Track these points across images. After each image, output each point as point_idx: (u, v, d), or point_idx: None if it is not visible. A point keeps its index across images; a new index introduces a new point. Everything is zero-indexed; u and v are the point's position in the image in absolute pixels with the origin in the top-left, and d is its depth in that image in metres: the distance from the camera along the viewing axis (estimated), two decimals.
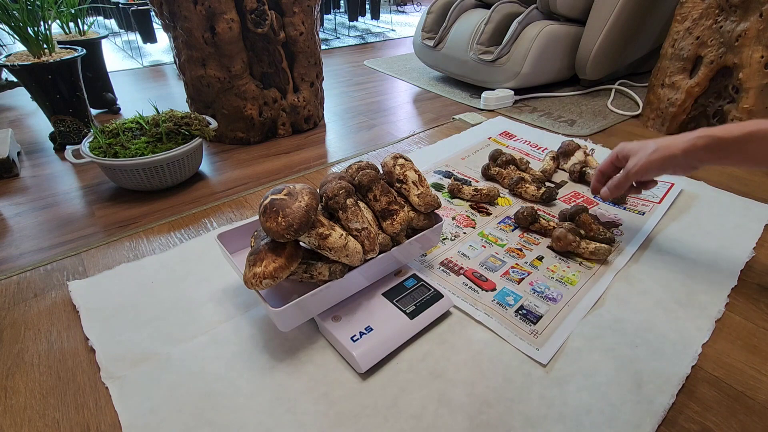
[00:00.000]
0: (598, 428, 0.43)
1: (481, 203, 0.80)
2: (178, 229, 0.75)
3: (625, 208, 0.79)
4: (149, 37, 2.20)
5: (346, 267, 0.49)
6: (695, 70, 1.06)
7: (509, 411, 0.44)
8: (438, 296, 0.55)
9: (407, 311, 0.53)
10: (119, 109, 1.32)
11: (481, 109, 1.31)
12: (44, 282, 0.63)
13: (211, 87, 1.02)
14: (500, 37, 1.37)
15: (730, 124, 0.51)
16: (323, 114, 1.26)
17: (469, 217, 0.76)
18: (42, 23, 0.98)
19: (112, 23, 2.70)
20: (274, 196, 0.44)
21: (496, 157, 0.90)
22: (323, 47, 2.18)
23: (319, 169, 0.97)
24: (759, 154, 0.50)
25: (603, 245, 0.65)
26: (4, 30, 0.99)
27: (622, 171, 0.61)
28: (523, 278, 0.62)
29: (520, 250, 0.68)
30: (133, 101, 1.40)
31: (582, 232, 0.67)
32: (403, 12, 3.44)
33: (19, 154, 1.03)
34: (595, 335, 0.53)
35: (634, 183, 0.65)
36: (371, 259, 0.51)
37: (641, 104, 1.29)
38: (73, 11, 1.21)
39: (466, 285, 0.61)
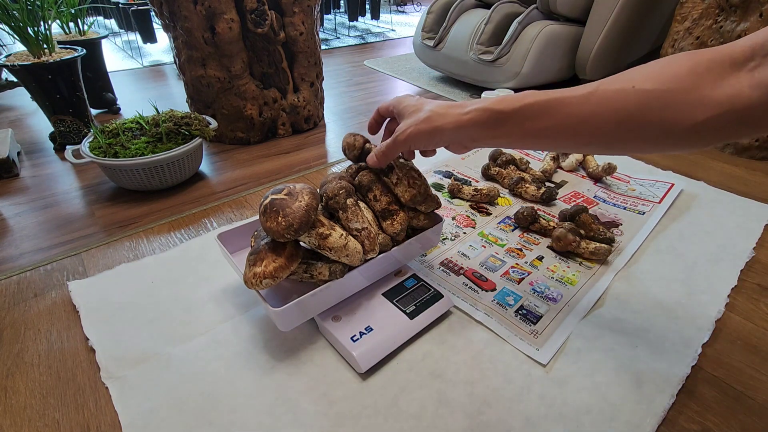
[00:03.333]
0: (598, 428, 0.43)
1: (481, 203, 0.80)
2: (178, 229, 0.75)
3: (625, 208, 0.79)
4: (149, 37, 2.20)
5: (346, 267, 0.49)
6: None
7: (509, 411, 0.44)
8: (438, 296, 0.55)
9: (407, 311, 0.53)
10: (119, 109, 1.32)
11: None
12: (44, 282, 0.63)
13: (211, 87, 1.02)
14: (500, 37, 1.37)
15: (509, 96, 0.43)
16: (323, 114, 1.26)
17: (469, 217, 0.76)
18: (42, 23, 0.98)
19: (112, 23, 2.70)
20: (274, 196, 0.44)
21: (496, 157, 0.90)
22: (323, 47, 2.18)
23: (319, 169, 0.97)
24: (533, 130, 0.42)
25: (603, 245, 0.65)
26: (4, 30, 0.99)
27: (391, 137, 0.49)
28: (523, 278, 0.62)
29: (520, 250, 0.68)
30: (133, 101, 1.40)
31: (582, 232, 0.67)
32: (403, 12, 3.44)
33: (19, 154, 1.03)
34: (595, 335, 0.53)
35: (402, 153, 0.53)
36: (371, 259, 0.51)
37: None
38: (73, 11, 1.21)
39: (466, 285, 0.61)
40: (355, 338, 0.49)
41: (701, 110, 0.34)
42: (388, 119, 0.55)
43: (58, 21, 1.20)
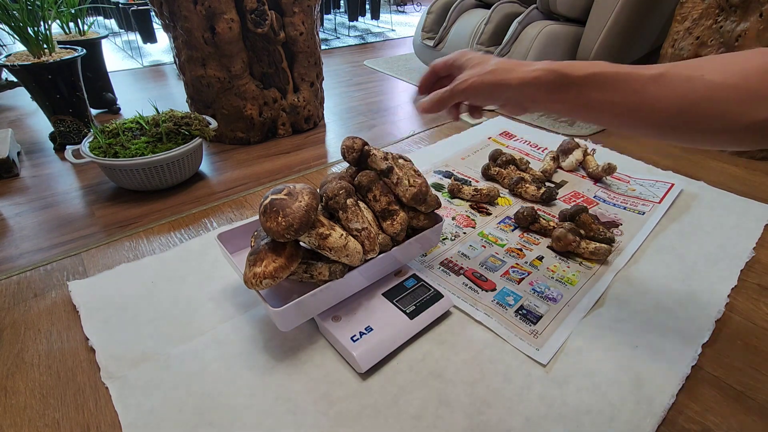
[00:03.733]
0: (598, 428, 0.43)
1: (481, 203, 0.80)
2: (178, 229, 0.75)
3: (625, 208, 0.79)
4: (149, 37, 2.20)
5: (346, 267, 0.49)
6: None
7: (509, 411, 0.44)
8: (438, 296, 0.55)
9: (407, 311, 0.53)
10: (119, 109, 1.32)
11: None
12: (44, 282, 0.63)
13: (211, 87, 1.02)
14: (500, 37, 1.37)
15: (578, 62, 0.41)
16: (323, 114, 1.26)
17: (469, 217, 0.76)
18: (42, 23, 0.98)
19: (112, 23, 2.70)
20: (274, 196, 0.44)
21: (496, 157, 0.90)
22: (323, 47, 2.18)
23: (319, 169, 0.97)
24: (596, 102, 0.41)
25: (603, 245, 0.65)
26: (4, 30, 0.99)
27: (449, 85, 0.48)
28: (523, 278, 0.62)
29: (520, 250, 0.68)
30: (133, 101, 1.40)
31: (582, 232, 0.67)
32: (403, 12, 3.44)
33: (19, 154, 1.03)
34: (595, 335, 0.53)
35: (459, 102, 0.52)
36: (371, 259, 0.51)
37: None
38: (73, 11, 1.21)
39: (466, 285, 0.61)
40: (355, 338, 0.49)
41: (763, 109, 0.34)
42: (443, 77, 0.51)
43: (58, 21, 1.20)
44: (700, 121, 0.37)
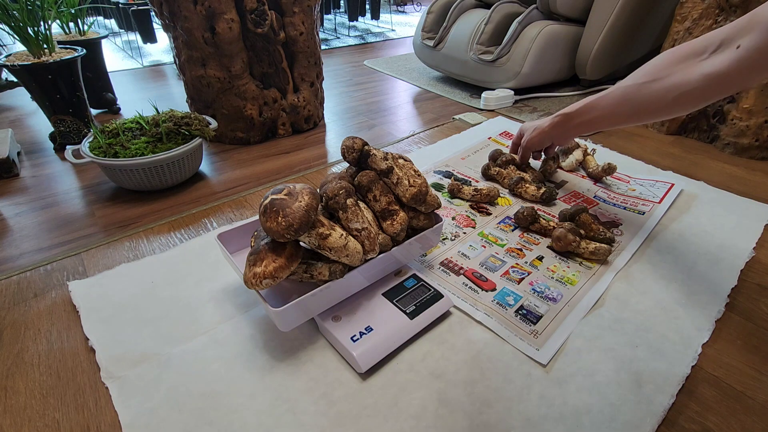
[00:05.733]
0: (598, 428, 0.43)
1: (481, 203, 0.80)
2: (178, 229, 0.75)
3: (625, 208, 0.79)
4: (149, 37, 2.20)
5: (346, 267, 0.49)
6: None
7: (509, 411, 0.44)
8: (438, 296, 0.55)
9: (407, 311, 0.53)
10: (119, 109, 1.32)
11: (481, 109, 1.31)
12: (44, 282, 0.63)
13: (211, 87, 1.02)
14: (500, 37, 1.37)
15: (573, 105, 0.73)
16: (323, 114, 1.26)
17: (469, 217, 0.76)
18: (42, 23, 0.98)
19: (112, 23, 2.70)
20: (274, 196, 0.44)
21: (496, 157, 0.90)
22: (323, 47, 2.18)
23: (319, 169, 0.97)
24: (587, 122, 0.71)
25: (603, 245, 0.65)
26: (4, 30, 0.99)
27: (521, 144, 0.85)
28: (523, 278, 0.62)
29: (520, 250, 0.68)
30: (133, 101, 1.40)
31: (582, 232, 0.67)
32: (403, 12, 3.44)
33: (19, 154, 1.03)
34: (595, 335, 0.53)
35: (534, 152, 0.86)
36: (371, 259, 0.51)
37: None
38: (73, 11, 1.21)
39: (466, 285, 0.61)
40: (355, 338, 0.49)
41: (673, 91, 0.56)
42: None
43: (58, 21, 1.20)
44: (643, 108, 0.62)
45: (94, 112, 1.24)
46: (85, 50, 1.05)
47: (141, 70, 1.79)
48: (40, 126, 1.19)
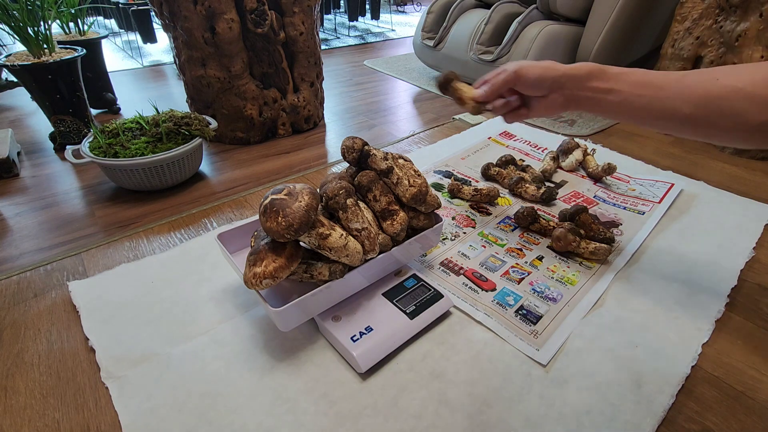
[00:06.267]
0: (598, 428, 0.43)
1: (481, 203, 0.80)
2: (178, 229, 0.75)
3: (625, 208, 0.79)
4: (149, 37, 2.20)
5: (346, 267, 0.49)
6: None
7: (509, 411, 0.44)
8: (438, 296, 0.55)
9: (407, 311, 0.53)
10: (119, 109, 1.32)
11: None
12: (44, 282, 0.63)
13: (211, 87, 1.02)
14: (500, 37, 1.37)
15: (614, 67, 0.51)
16: (323, 114, 1.26)
17: (469, 217, 0.76)
18: (42, 23, 0.98)
19: (112, 23, 2.70)
20: (274, 196, 0.44)
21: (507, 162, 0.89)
22: (323, 47, 2.18)
23: (319, 169, 0.97)
24: (626, 95, 0.49)
25: (603, 245, 0.65)
26: (4, 30, 0.99)
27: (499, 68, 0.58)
28: (523, 278, 0.62)
29: (520, 250, 0.68)
30: (133, 101, 1.40)
31: (582, 232, 0.67)
32: (403, 12, 3.44)
33: (19, 154, 1.03)
34: (595, 335, 0.53)
35: (510, 92, 0.59)
36: (371, 259, 0.51)
37: None
38: (73, 11, 1.21)
39: (466, 285, 0.61)
40: (355, 338, 0.49)
41: None
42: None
43: (58, 21, 1.20)
44: (715, 117, 0.43)
45: (94, 112, 1.24)
46: (85, 50, 1.05)
47: (141, 70, 1.79)
48: (40, 126, 1.19)
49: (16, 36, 0.96)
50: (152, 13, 2.06)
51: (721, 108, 0.43)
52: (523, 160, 0.90)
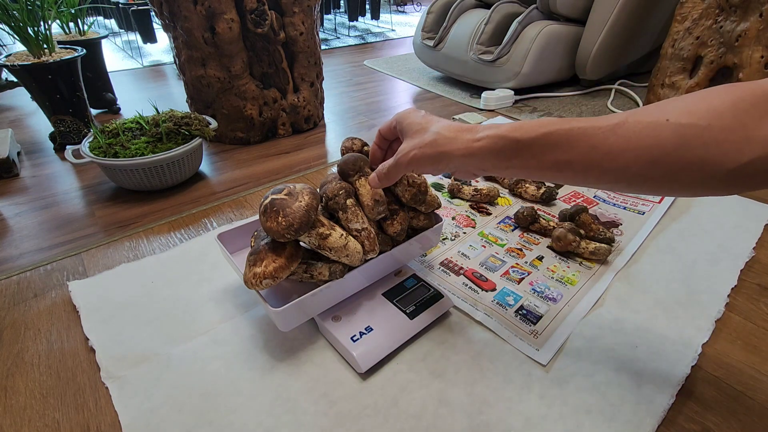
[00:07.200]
0: (598, 428, 0.43)
1: (481, 203, 0.80)
2: (178, 229, 0.75)
3: (625, 208, 0.79)
4: (149, 37, 2.20)
5: (346, 267, 0.49)
6: (695, 70, 1.06)
7: (509, 411, 0.44)
8: (438, 296, 0.55)
9: (407, 311, 0.53)
10: (119, 109, 1.32)
11: (481, 109, 1.31)
12: (44, 282, 0.63)
13: (211, 87, 1.02)
14: (500, 37, 1.37)
15: (527, 123, 0.37)
16: (323, 114, 1.26)
17: (469, 217, 0.76)
18: (42, 23, 0.98)
19: (112, 23, 2.70)
20: (274, 196, 0.44)
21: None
22: (323, 47, 2.18)
23: (319, 169, 0.97)
24: (553, 162, 0.36)
25: (603, 245, 0.65)
26: (4, 30, 0.99)
27: (393, 156, 0.45)
28: (523, 278, 0.62)
29: (520, 250, 0.68)
30: (133, 101, 1.40)
31: (582, 232, 0.67)
32: (403, 12, 3.44)
33: (19, 154, 1.03)
34: (595, 335, 0.53)
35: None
36: (371, 259, 0.51)
37: (641, 104, 1.29)
38: (73, 11, 1.21)
39: (466, 285, 0.61)
40: (355, 338, 0.49)
41: (748, 150, 0.29)
42: (393, 141, 0.50)
43: (58, 21, 1.20)
44: (678, 170, 0.32)
45: (94, 112, 1.24)
46: (85, 50, 1.05)
47: (141, 70, 1.79)
48: (40, 126, 1.19)
49: (16, 36, 0.96)
50: (152, 13, 2.06)
51: (680, 159, 0.31)
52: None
